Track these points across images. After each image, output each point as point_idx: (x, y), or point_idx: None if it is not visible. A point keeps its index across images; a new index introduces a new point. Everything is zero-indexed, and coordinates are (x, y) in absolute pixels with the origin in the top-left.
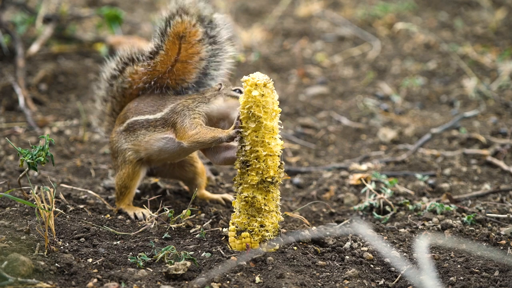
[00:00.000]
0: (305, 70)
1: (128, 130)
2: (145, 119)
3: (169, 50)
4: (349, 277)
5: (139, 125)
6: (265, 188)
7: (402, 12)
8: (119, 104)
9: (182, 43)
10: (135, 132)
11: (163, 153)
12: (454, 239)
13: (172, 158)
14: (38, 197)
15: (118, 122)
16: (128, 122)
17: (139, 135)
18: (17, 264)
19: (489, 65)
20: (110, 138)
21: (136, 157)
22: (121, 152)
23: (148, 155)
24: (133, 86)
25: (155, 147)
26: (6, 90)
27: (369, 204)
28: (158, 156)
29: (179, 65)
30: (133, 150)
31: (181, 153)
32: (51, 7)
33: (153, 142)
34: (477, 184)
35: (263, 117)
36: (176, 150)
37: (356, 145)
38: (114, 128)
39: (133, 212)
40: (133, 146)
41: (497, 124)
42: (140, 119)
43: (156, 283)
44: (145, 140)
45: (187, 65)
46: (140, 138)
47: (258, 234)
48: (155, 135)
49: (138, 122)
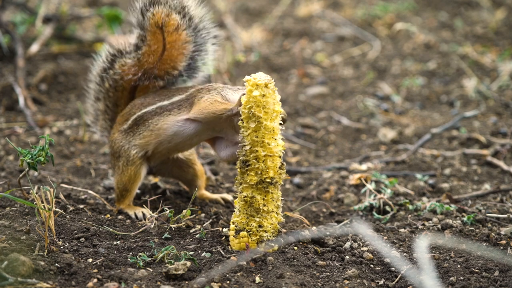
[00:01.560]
0: (305, 70)
1: (135, 125)
2: (157, 106)
3: (151, 41)
4: (349, 277)
5: (151, 114)
6: (264, 188)
7: (402, 12)
8: (112, 99)
9: (164, 32)
10: (144, 123)
11: (175, 137)
12: (454, 239)
13: (183, 145)
14: (38, 197)
15: (121, 121)
16: (134, 117)
17: (150, 124)
18: (17, 264)
19: (489, 65)
20: (111, 138)
21: (142, 155)
22: (124, 152)
23: (157, 144)
24: (124, 78)
25: (169, 132)
26: (6, 90)
27: (369, 204)
28: (169, 142)
29: (166, 54)
30: (139, 145)
31: (193, 137)
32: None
33: (166, 126)
34: (477, 184)
35: (263, 118)
36: (191, 132)
37: (356, 145)
38: (115, 127)
39: (134, 212)
40: (141, 140)
41: (497, 124)
42: (151, 109)
43: (156, 283)
44: (158, 126)
45: (173, 51)
46: (152, 127)
47: (256, 234)
48: (170, 118)
49: (148, 112)
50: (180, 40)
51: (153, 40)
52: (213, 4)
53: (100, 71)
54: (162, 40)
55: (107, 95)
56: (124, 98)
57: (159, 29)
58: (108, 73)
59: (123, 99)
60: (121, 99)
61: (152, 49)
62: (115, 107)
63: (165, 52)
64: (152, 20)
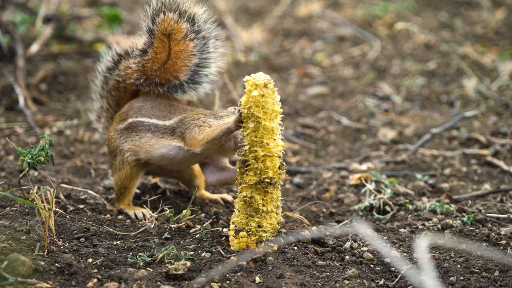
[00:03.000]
0: (305, 70)
1: (129, 129)
2: (152, 123)
3: (158, 49)
4: (349, 277)
5: (145, 128)
6: (264, 188)
7: (402, 12)
8: (114, 98)
9: (170, 40)
10: (138, 134)
11: (164, 159)
12: (454, 239)
13: (172, 165)
14: (38, 197)
15: (118, 119)
16: (130, 121)
17: (143, 137)
18: (17, 264)
19: (489, 65)
20: (108, 136)
21: (135, 159)
22: (119, 152)
23: (147, 158)
24: (127, 81)
25: (158, 152)
26: (6, 90)
27: (369, 204)
28: (157, 161)
29: (170, 62)
30: (132, 151)
31: (182, 161)
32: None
33: (157, 147)
34: (477, 184)
35: (262, 118)
36: (179, 157)
37: (356, 145)
38: (112, 125)
39: (134, 212)
40: (133, 147)
41: (497, 124)
42: (147, 121)
43: (156, 283)
44: (149, 144)
45: (178, 61)
46: (144, 141)
47: (255, 234)
48: (162, 141)
49: (144, 124)
50: (186, 51)
51: (160, 48)
52: (213, 4)
53: (106, 69)
54: (167, 49)
55: (109, 94)
56: (126, 99)
57: (166, 36)
58: (112, 73)
59: (125, 100)
60: (123, 99)
61: (157, 56)
62: (117, 107)
63: (169, 61)
64: (161, 26)
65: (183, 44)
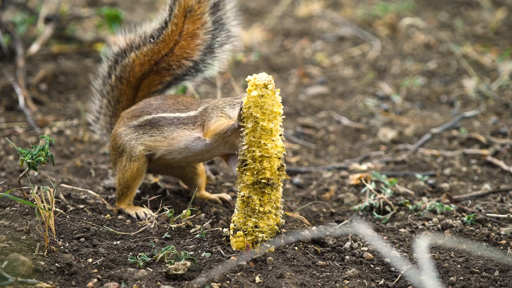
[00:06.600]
0: (305, 70)
1: (148, 125)
2: (175, 116)
3: (176, 25)
4: (349, 277)
5: (167, 122)
6: (261, 189)
7: (402, 12)
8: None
9: (188, 18)
10: (159, 128)
11: (186, 151)
12: (454, 239)
13: (193, 158)
14: (38, 197)
15: (130, 116)
16: (149, 117)
17: (165, 132)
18: (17, 264)
19: (489, 65)
20: (114, 132)
21: (147, 154)
22: (128, 147)
23: (167, 152)
24: (134, 69)
25: (181, 144)
26: (6, 90)
27: (369, 204)
28: (179, 154)
29: (183, 42)
30: (147, 145)
31: (204, 152)
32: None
33: (180, 139)
34: (477, 184)
35: (260, 118)
36: (200, 148)
37: (356, 145)
38: (121, 122)
39: (135, 212)
40: (150, 142)
41: (497, 124)
42: (168, 116)
43: (156, 283)
44: (172, 136)
45: (192, 40)
46: (166, 134)
47: (251, 234)
48: (185, 132)
49: (165, 118)
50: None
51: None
52: None
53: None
54: (181, 27)
55: (111, 90)
56: (126, 95)
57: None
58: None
59: (126, 96)
60: (123, 95)
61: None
62: (116, 104)
63: (182, 41)
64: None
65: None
